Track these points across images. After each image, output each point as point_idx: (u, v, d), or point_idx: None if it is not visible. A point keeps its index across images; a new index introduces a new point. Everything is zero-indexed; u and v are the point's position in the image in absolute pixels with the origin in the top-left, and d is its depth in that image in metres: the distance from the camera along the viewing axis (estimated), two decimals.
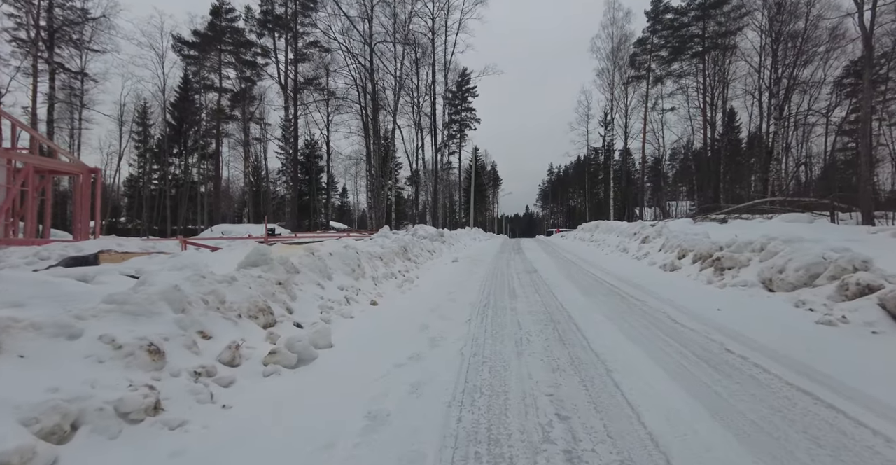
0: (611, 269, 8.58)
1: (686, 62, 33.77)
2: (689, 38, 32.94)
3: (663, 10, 33.43)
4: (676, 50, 33.64)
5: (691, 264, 7.37)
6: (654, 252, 9.25)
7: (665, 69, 34.50)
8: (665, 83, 34.17)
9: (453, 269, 9.46)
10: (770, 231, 8.46)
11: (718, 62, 32.74)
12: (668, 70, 34.52)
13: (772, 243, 6.00)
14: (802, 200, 19.10)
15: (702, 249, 7.18)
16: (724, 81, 33.19)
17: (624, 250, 10.91)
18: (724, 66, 32.95)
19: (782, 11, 28.31)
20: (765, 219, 16.07)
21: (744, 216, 18.26)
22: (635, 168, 60.24)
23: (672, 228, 11.28)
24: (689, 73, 34.29)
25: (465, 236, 20.08)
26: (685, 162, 52.30)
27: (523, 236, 58.68)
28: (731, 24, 31.65)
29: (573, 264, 9.81)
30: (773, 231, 7.22)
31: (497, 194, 77.05)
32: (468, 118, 46.84)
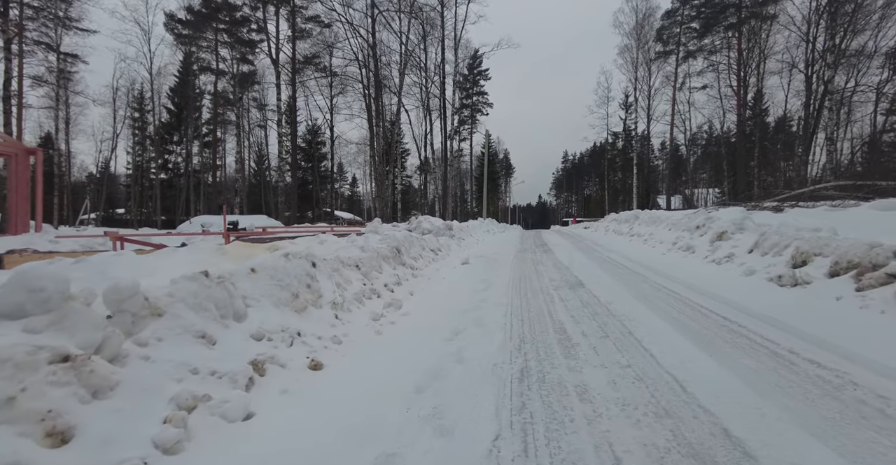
0: (694, 281, 5.91)
1: (719, 35, 30.28)
2: (724, 9, 29.39)
3: None
4: (708, 23, 30.15)
5: (828, 278, 4.68)
6: (743, 254, 6.54)
7: (696, 44, 31.04)
8: (697, 58, 30.68)
9: (462, 277, 6.88)
10: None
11: (756, 34, 29.19)
12: (698, 45, 31.05)
13: None
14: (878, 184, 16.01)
15: (851, 254, 4.48)
16: (762, 55, 29.67)
17: (687, 249, 8.19)
18: (762, 39, 29.40)
19: None
20: (832, 206, 13.16)
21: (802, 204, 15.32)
22: (654, 155, 56.77)
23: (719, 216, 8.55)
24: (721, 48, 30.82)
25: (478, 229, 17.45)
26: (707, 148, 48.75)
27: (538, 227, 55.77)
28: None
29: (630, 272, 7.14)
30: None
31: (510, 183, 73.99)
32: (480, 103, 43.83)
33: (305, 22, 25.26)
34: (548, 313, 4.39)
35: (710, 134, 45.65)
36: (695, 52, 30.87)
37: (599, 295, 5.12)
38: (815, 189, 16.98)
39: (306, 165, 31.76)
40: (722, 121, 34.75)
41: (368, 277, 5.26)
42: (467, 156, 48.29)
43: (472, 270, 7.67)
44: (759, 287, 5.15)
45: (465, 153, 46.94)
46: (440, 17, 25.25)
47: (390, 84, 24.57)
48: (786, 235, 5.93)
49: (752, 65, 30.15)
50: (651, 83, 34.21)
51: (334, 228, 11.82)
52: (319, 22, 25.27)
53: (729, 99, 32.89)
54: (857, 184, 16.55)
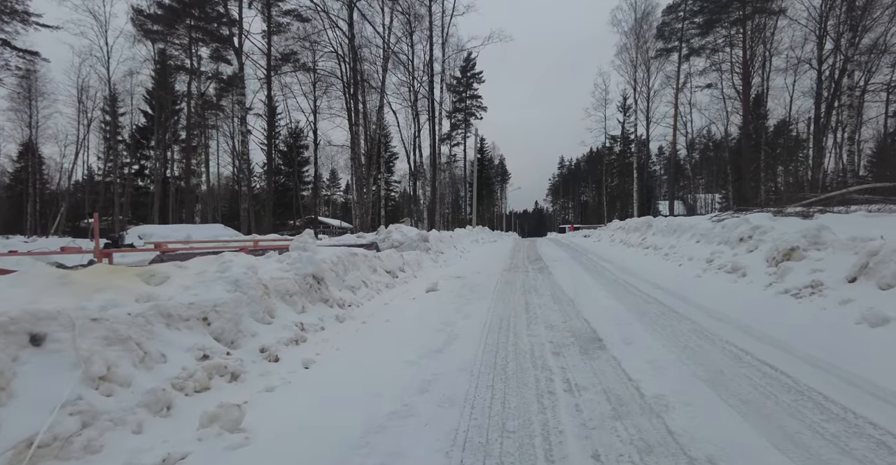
0: (786, 337, 3.56)
1: (723, 33, 28.24)
2: (728, 4, 27.35)
3: None
4: (711, 19, 28.11)
5: None
6: (840, 284, 4.22)
7: (699, 41, 29.00)
8: (700, 56, 28.63)
9: (414, 321, 4.51)
10: None
11: (762, 31, 27.16)
12: (701, 42, 29.01)
13: None
14: None
15: None
16: (768, 53, 27.64)
17: (734, 271, 5.86)
18: (768, 36, 27.38)
19: None
20: (870, 212, 10.91)
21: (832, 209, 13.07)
22: (651, 160, 54.69)
23: (770, 226, 6.29)
24: (725, 46, 28.77)
25: (465, 239, 15.12)
26: (705, 152, 46.72)
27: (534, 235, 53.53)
28: None
29: (668, 313, 4.81)
30: None
31: (505, 190, 71.79)
32: (473, 106, 41.71)
33: (282, 16, 23.12)
34: (543, 437, 2.04)
35: (710, 138, 43.62)
36: (698, 50, 28.83)
37: (638, 376, 2.76)
38: (846, 192, 14.68)
39: (287, 170, 29.42)
40: (725, 123, 32.63)
41: (223, 337, 2.92)
42: (461, 161, 46.19)
43: (435, 304, 5.31)
44: None
45: (458, 158, 44.85)
46: (427, 11, 23.14)
47: (375, 82, 22.36)
48: None
49: (757, 63, 28.13)
50: (650, 84, 32.08)
51: (258, 243, 9.47)
52: (297, 16, 23.11)
53: (732, 100, 30.83)
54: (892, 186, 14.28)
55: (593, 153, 59.90)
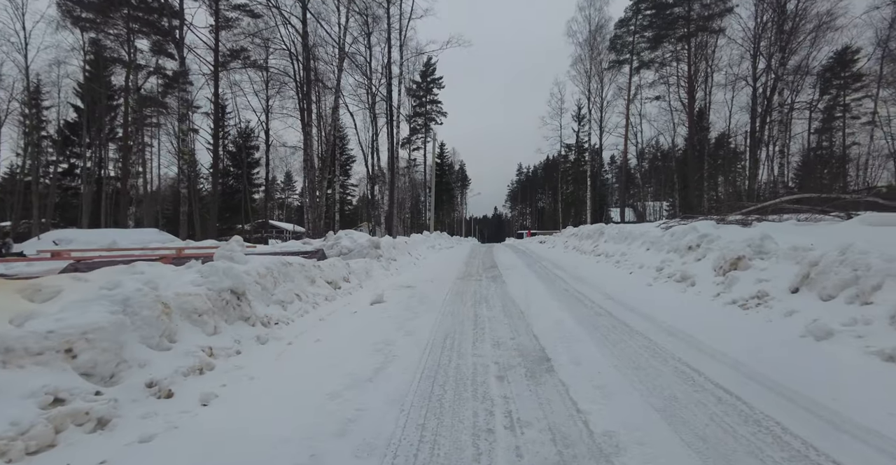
0: (733, 350, 3.43)
1: (670, 48, 29.63)
2: (674, 21, 28.78)
3: None
4: (659, 34, 29.44)
5: None
6: (783, 295, 4.17)
7: (648, 55, 30.28)
8: (650, 69, 29.86)
9: (352, 338, 4.04)
10: None
11: (704, 48, 28.73)
12: (650, 56, 30.30)
13: None
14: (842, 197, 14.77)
15: None
16: (710, 69, 29.25)
17: (683, 280, 5.82)
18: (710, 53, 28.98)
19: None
20: (800, 221, 11.51)
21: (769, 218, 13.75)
22: (604, 168, 56.75)
23: (717, 234, 6.38)
24: (671, 60, 30.20)
25: (421, 245, 14.72)
26: (654, 162, 48.93)
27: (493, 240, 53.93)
28: (716, 6, 27.67)
29: (619, 326, 4.63)
30: None
31: (465, 195, 72.15)
32: (433, 111, 41.51)
33: (231, 10, 21.93)
34: None
35: (658, 148, 45.69)
36: (648, 64, 30.09)
37: (587, 406, 2.46)
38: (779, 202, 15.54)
39: (236, 172, 27.86)
40: (672, 134, 34.18)
41: (96, 371, 2.36)
42: (421, 166, 45.85)
43: (378, 319, 4.87)
44: (872, 375, 2.70)
45: (418, 163, 44.41)
46: (385, 13, 22.70)
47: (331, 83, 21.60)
48: (867, 267, 3.58)
49: (700, 78, 29.70)
50: (604, 95, 33.14)
51: (182, 251, 8.67)
52: (248, 11, 22.01)
53: (679, 112, 32.39)
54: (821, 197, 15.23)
55: (549, 161, 61.38)
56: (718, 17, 27.46)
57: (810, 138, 33.25)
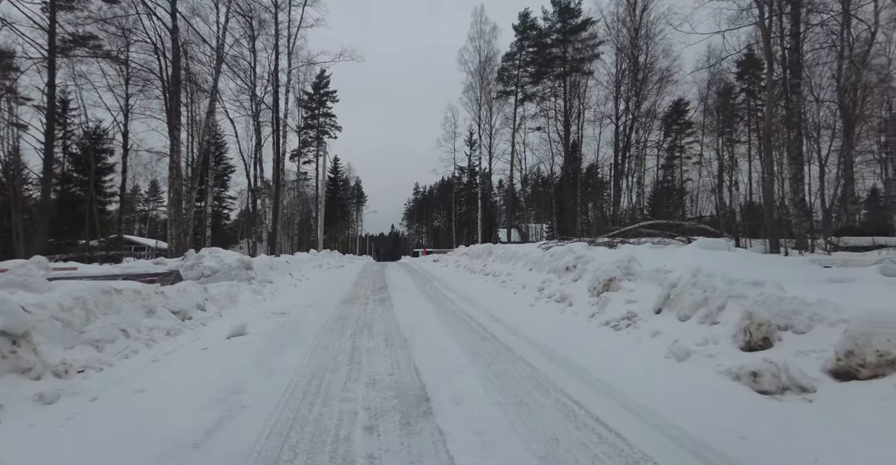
0: (605, 375, 3.42)
1: (549, 84, 32.74)
2: (552, 60, 31.95)
3: (530, 26, 32.02)
4: (540, 72, 32.41)
5: (833, 379, 2.55)
6: (649, 315, 4.42)
7: (531, 89, 33.04)
8: (532, 101, 32.53)
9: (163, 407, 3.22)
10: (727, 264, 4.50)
11: (578, 87, 32.33)
12: (533, 90, 33.11)
13: None
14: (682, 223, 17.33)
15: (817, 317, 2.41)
16: (582, 106, 32.92)
17: (562, 300, 5.99)
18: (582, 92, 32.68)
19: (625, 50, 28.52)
20: (655, 244, 13.22)
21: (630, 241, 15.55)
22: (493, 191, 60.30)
23: (591, 256, 6.88)
24: (550, 95, 33.40)
25: (306, 264, 13.60)
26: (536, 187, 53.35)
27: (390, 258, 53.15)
28: (586, 51, 31.49)
29: (502, 352, 4.47)
30: None
31: (361, 212, 70.58)
32: (327, 125, 40.13)
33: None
34: None
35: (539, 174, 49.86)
36: (530, 97, 32.77)
37: (464, 460, 2.12)
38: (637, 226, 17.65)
39: (81, 178, 23.27)
40: (551, 163, 37.45)
41: None
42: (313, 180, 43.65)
43: (235, 354, 4.06)
44: (725, 397, 2.81)
45: (310, 177, 42.22)
46: (273, 19, 21.33)
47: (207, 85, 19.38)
48: (713, 289, 3.91)
49: (574, 114, 33.25)
50: (492, 123, 35.26)
51: None
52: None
53: (556, 143, 35.76)
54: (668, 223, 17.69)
55: (444, 182, 63.26)
56: (588, 61, 31.19)
57: (658, 172, 39.16)
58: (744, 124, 30.37)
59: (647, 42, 28.45)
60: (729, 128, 30.61)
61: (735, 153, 29.57)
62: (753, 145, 28.04)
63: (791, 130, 14.40)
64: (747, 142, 29.46)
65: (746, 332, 3.23)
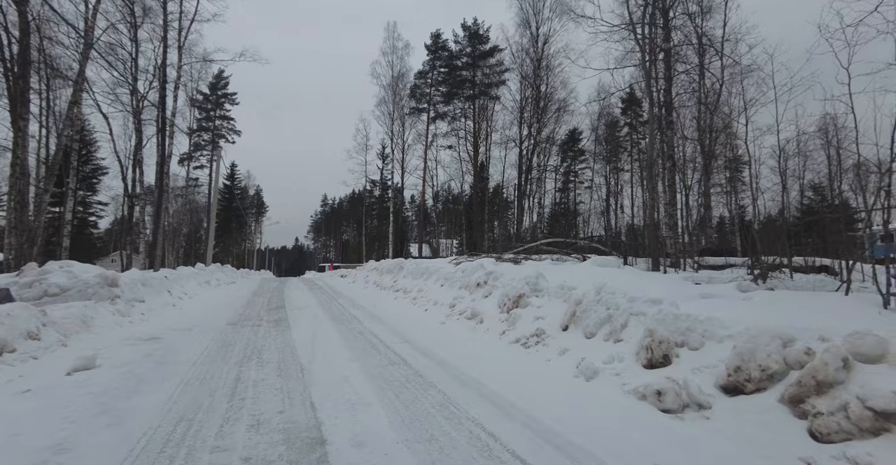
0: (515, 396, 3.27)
1: (459, 105, 33.84)
2: (463, 82, 33.15)
3: (441, 47, 32.94)
4: (451, 93, 33.41)
5: (725, 394, 2.69)
6: (556, 332, 4.43)
7: (442, 108, 33.83)
8: (444, 119, 33.29)
9: None
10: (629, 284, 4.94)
11: (486, 110, 33.85)
12: (444, 109, 33.93)
13: None
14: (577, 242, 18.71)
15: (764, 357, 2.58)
16: (490, 129, 34.50)
17: (473, 317, 5.85)
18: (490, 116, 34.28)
19: (528, 79, 30.75)
20: (555, 260, 14.08)
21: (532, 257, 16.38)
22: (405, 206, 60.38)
23: (501, 271, 7.00)
24: (461, 116, 34.52)
25: (191, 280, 11.96)
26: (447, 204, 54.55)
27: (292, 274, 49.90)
28: (494, 77, 33.21)
29: (412, 378, 4.15)
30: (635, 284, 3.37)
31: (261, 223, 65.66)
32: (225, 128, 36.87)
33: None
34: None
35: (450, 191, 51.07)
36: (442, 115, 33.50)
37: None
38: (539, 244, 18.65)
39: None
40: (461, 181, 38.48)
41: None
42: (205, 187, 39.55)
43: (71, 396, 3.17)
44: (633, 418, 2.80)
45: (202, 183, 38.17)
46: (161, 7, 19.09)
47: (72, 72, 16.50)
48: (616, 306, 4.03)
49: (482, 135, 34.70)
50: (405, 138, 35.36)
51: None
52: None
53: (466, 162, 36.93)
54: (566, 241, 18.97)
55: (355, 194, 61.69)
56: (496, 87, 32.87)
57: (556, 195, 42.36)
58: (627, 155, 34.26)
59: (548, 73, 30.81)
60: (615, 157, 34.30)
61: (620, 180, 33.04)
62: (635, 173, 31.64)
63: (666, 161, 16.45)
64: (630, 170, 33.17)
65: (648, 349, 3.32)
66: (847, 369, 2.26)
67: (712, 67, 17.48)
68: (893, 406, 2.01)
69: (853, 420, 2.07)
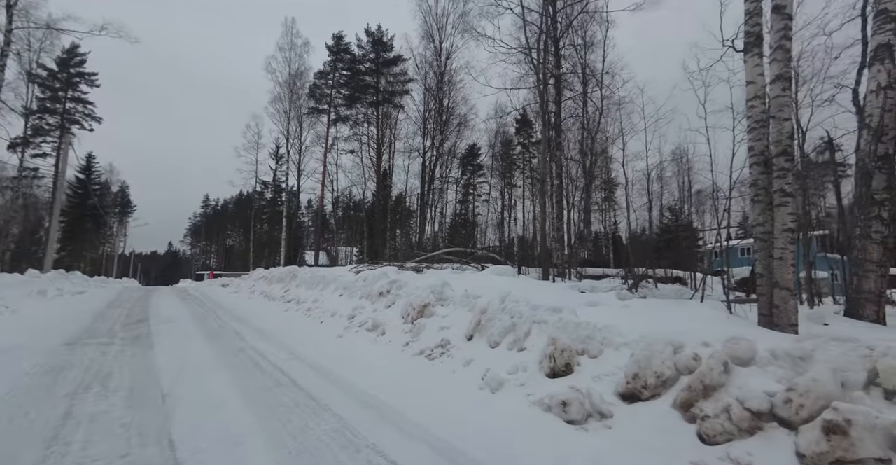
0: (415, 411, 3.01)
1: (362, 110, 33.10)
2: (366, 87, 32.53)
3: (344, 50, 32.02)
4: (354, 97, 32.52)
5: (623, 401, 2.78)
6: (461, 342, 4.29)
7: (344, 111, 32.77)
8: (346, 123, 32.28)
9: None
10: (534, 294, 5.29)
11: (390, 118, 33.62)
12: (346, 113, 32.90)
13: None
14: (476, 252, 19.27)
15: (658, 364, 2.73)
16: (394, 137, 34.31)
17: (375, 329, 5.46)
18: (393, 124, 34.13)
19: (432, 91, 31.43)
20: (455, 269, 14.33)
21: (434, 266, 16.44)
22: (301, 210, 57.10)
23: (405, 280, 6.83)
24: (364, 121, 33.77)
25: (15, 289, 9.59)
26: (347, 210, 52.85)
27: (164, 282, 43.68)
28: (398, 86, 33.19)
29: (303, 401, 3.63)
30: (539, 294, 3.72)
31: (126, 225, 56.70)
32: (79, 112, 31.17)
33: None
34: None
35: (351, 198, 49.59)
36: (344, 119, 32.43)
37: None
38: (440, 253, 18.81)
39: None
40: (363, 187, 37.54)
41: None
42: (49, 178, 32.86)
43: None
44: (539, 431, 2.73)
45: (43, 174, 31.65)
46: None
47: None
48: (520, 314, 4.03)
49: (386, 142, 34.34)
50: (303, 139, 33.45)
51: None
52: None
53: (369, 169, 36.16)
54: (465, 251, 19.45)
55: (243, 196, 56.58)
56: (400, 95, 32.85)
57: (457, 206, 43.57)
58: (520, 172, 36.63)
59: (451, 87, 31.65)
60: (509, 173, 36.44)
61: (514, 195, 35.11)
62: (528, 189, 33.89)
63: (555, 179, 17.83)
64: (522, 186, 35.47)
65: (551, 358, 3.32)
66: (727, 372, 2.44)
67: (594, 97, 19.55)
68: (766, 406, 2.19)
69: (734, 421, 2.20)
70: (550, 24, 16.09)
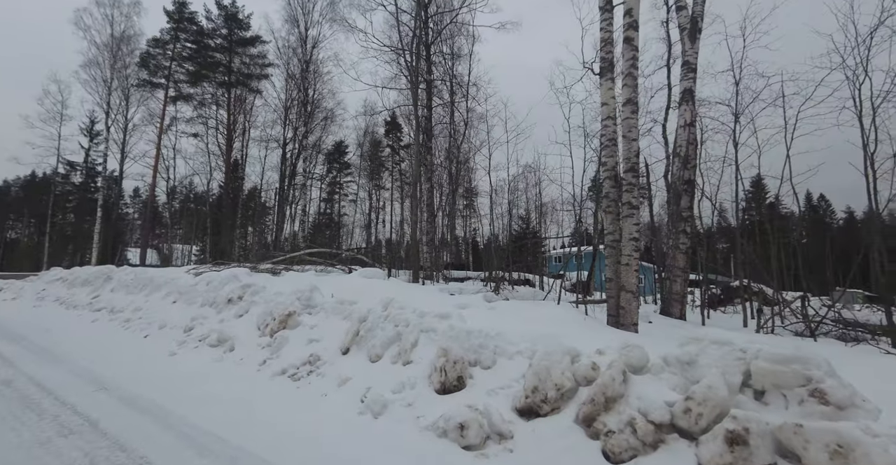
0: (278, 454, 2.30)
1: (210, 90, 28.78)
2: (216, 65, 28.41)
3: (188, 19, 27.52)
4: (199, 74, 27.96)
5: (521, 418, 2.60)
6: (336, 357, 3.64)
7: (187, 89, 28.03)
8: (189, 103, 27.72)
9: None
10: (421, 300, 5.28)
11: (244, 102, 30.02)
12: (190, 91, 28.17)
13: None
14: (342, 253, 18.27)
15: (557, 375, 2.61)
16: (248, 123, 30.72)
17: (220, 344, 4.39)
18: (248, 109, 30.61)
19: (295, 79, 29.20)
20: (318, 271, 13.36)
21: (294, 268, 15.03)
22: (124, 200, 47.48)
23: (262, 284, 5.92)
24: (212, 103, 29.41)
25: None
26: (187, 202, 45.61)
27: None
28: (255, 69, 29.85)
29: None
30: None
31: None
32: None
33: None
34: None
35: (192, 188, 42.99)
36: (186, 97, 27.76)
37: None
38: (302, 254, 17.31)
39: None
40: (209, 177, 32.72)
41: None
42: None
43: None
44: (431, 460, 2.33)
45: None
46: None
47: None
48: (406, 323, 3.60)
49: (239, 129, 30.49)
50: (129, 115, 27.52)
51: None
52: None
53: (217, 157, 31.61)
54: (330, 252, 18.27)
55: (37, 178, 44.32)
56: (257, 79, 29.53)
57: (321, 204, 41.11)
58: (389, 174, 36.34)
59: (317, 78, 29.62)
60: (378, 175, 35.86)
61: (382, 197, 34.67)
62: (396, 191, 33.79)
63: (425, 183, 17.96)
64: (391, 189, 35.25)
65: (442, 371, 2.97)
66: (626, 381, 2.40)
67: (461, 107, 20.36)
68: (667, 418, 2.17)
69: (639, 436, 2.14)
70: (423, 28, 16.20)
